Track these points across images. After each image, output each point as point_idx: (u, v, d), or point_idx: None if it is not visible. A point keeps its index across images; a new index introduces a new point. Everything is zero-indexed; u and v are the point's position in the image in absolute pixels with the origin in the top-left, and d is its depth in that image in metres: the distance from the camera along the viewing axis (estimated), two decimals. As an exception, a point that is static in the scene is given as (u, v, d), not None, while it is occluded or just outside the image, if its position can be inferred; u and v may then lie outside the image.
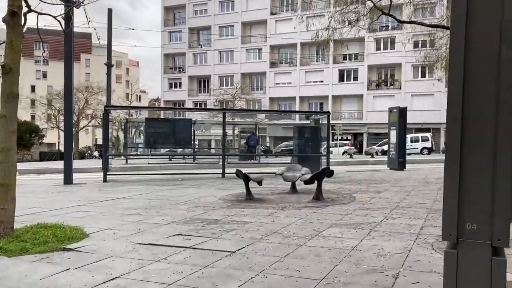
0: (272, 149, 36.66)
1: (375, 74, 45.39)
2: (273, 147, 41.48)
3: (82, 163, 26.78)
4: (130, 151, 26.24)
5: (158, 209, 7.80)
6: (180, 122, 14.62)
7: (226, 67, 51.06)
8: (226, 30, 51.85)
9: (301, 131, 15.62)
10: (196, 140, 15.22)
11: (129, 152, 26.09)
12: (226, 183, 12.61)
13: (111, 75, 23.12)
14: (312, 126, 16.16)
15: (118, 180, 13.97)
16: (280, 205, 8.03)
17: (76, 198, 9.39)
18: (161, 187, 11.66)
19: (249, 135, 25.34)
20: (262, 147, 30.36)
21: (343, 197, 9.09)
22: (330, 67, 46.10)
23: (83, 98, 48.26)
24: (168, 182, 13.26)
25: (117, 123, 53.84)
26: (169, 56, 55.81)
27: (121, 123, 32.79)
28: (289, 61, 49.03)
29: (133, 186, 12.05)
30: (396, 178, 13.80)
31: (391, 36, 43.78)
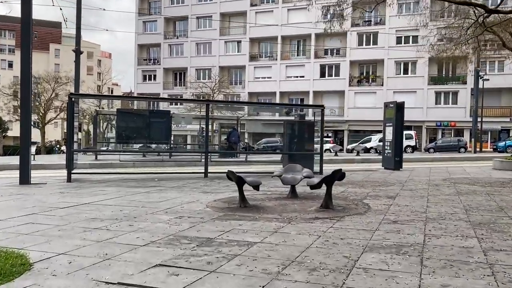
0: (252, 146, 35.13)
1: (357, 70, 44.47)
2: (252, 143, 40.01)
3: (47, 158, 24.60)
4: (101, 146, 24.26)
5: (131, 220, 6.18)
6: (156, 115, 12.91)
7: (203, 60, 49.15)
8: (203, 21, 49.91)
9: (292, 127, 14.17)
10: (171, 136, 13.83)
11: (100, 147, 24.11)
12: (211, 185, 11.02)
13: (79, 62, 21.18)
14: (305, 122, 14.71)
15: (85, 180, 12.18)
16: (284, 216, 6.53)
17: (29, 204, 7.64)
18: (135, 189, 9.98)
19: (230, 131, 23.77)
20: (241, 144, 28.81)
21: (354, 205, 7.66)
22: (311, 62, 44.90)
23: (50, 88, 45.36)
24: (143, 182, 11.57)
25: (88, 116, 51.20)
26: (143, 47, 53.45)
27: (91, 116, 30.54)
28: (269, 55, 47.58)
29: (101, 188, 10.33)
30: (398, 179, 12.51)
31: (374, 31, 42.88)
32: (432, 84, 41.27)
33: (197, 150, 22.19)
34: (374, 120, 41.77)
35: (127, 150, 16.32)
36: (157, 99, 29.99)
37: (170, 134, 12.76)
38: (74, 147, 12.78)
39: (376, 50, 42.28)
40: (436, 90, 40.97)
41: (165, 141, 12.91)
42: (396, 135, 15.48)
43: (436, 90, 40.97)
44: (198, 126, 29.47)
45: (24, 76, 11.27)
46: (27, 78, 11.35)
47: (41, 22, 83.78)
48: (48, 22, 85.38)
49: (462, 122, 40.04)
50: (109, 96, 29.25)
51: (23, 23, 11.32)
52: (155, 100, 29.98)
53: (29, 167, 11.29)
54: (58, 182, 11.77)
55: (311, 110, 15.96)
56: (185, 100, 17.42)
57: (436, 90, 40.93)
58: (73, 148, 11.97)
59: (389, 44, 41.61)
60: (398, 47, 41.31)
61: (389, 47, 41.39)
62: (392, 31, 41.40)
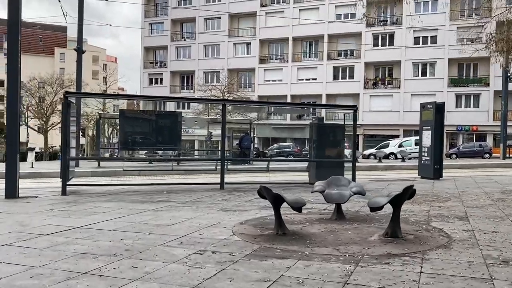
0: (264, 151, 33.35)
1: (372, 72, 42.65)
2: (261, 149, 38.28)
3: (46, 165, 22.98)
4: (105, 152, 22.67)
5: (135, 257, 4.47)
6: (165, 118, 11.21)
7: (211, 62, 47.54)
8: (212, 23, 48.40)
9: (320, 131, 12.40)
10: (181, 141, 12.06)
11: (104, 153, 22.50)
12: (230, 199, 9.29)
13: (81, 61, 19.63)
14: (334, 125, 12.93)
15: (82, 192, 10.49)
16: (343, 251, 4.77)
17: (4, 229, 5.95)
18: (140, 206, 8.26)
19: (243, 135, 22.12)
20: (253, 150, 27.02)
21: (426, 231, 5.88)
22: (324, 64, 43.17)
23: (53, 92, 43.92)
24: (150, 196, 9.86)
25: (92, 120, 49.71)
26: (149, 50, 51.99)
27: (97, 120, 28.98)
28: (280, 57, 45.89)
29: (100, 203, 8.63)
30: (448, 192, 10.70)
31: (390, 32, 41.11)
32: (452, 86, 39.38)
33: (211, 157, 20.31)
34: (391, 124, 39.99)
35: (132, 157, 14.62)
36: (166, 99, 26.88)
37: (180, 139, 11.03)
38: (71, 154, 11.09)
39: (392, 51, 40.54)
40: (457, 92, 39.05)
41: (174, 147, 11.17)
42: (436, 139, 13.69)
43: (457, 92, 39.05)
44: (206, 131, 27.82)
45: (11, 75, 9.63)
46: (14, 77, 9.71)
47: (46, 26, 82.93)
48: (53, 26, 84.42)
49: (484, 126, 38.09)
50: (110, 95, 26.75)
51: (10, 23, 9.65)
52: (164, 100, 26.90)
53: (17, 178, 9.62)
54: (51, 195, 10.11)
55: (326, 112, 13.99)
56: (198, 100, 15.53)
57: (457, 93, 39.01)
58: (69, 155, 10.27)
59: (406, 44, 39.83)
60: (415, 47, 39.56)
61: (406, 47, 39.63)
62: (409, 31, 39.60)
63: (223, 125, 11.29)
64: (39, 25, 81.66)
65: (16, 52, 9.71)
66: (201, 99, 17.03)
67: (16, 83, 9.73)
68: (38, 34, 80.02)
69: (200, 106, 37.98)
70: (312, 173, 12.29)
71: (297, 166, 16.60)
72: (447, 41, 38.38)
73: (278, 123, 42.68)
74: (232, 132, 22.92)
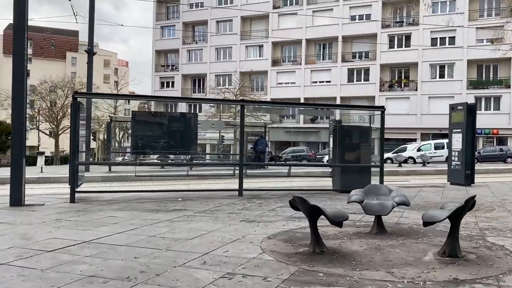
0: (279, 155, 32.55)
1: (388, 74, 41.69)
2: (274, 153, 37.49)
3: (57, 170, 22.46)
4: (116, 156, 22.10)
5: (153, 282, 3.78)
6: (180, 120, 10.52)
7: (223, 65, 46.94)
8: (224, 25, 47.85)
9: (344, 134, 11.63)
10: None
11: (116, 157, 21.91)
12: (251, 208, 8.55)
13: (92, 62, 19.08)
14: (360, 127, 12.13)
15: (92, 200, 9.83)
16: (398, 275, 4.00)
17: (4, 243, 5.27)
18: (154, 216, 7.57)
19: (257, 139, 21.42)
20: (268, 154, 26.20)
21: (486, 249, 5.08)
22: (339, 66, 42.32)
23: (64, 95, 43.66)
24: (164, 204, 9.16)
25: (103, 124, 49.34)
26: (161, 53, 51.59)
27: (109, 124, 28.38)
28: (293, 59, 45.12)
29: (111, 213, 7.96)
30: (487, 199, 9.83)
31: (406, 33, 40.15)
32: (471, 88, 38.25)
33: (229, 161, 19.45)
34: (408, 128, 38.97)
35: (144, 162, 13.96)
36: (179, 100, 24.86)
37: (195, 143, 10.33)
38: (81, 158, 10.43)
39: (409, 52, 39.57)
40: (476, 95, 37.88)
41: (190, 151, 10.45)
42: (467, 143, 12.80)
43: (476, 95, 37.88)
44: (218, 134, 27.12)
45: (17, 78, 9.04)
46: (20, 80, 9.12)
47: (58, 31, 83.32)
48: (65, 30, 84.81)
49: (505, 130, 36.88)
50: (121, 95, 25.93)
51: (16, 28, 9.05)
52: (177, 101, 25.25)
53: (22, 185, 8.99)
54: (59, 202, 9.47)
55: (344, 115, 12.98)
56: (214, 101, 14.63)
57: (476, 95, 37.84)
58: (78, 160, 9.62)
59: (423, 46, 38.82)
60: (433, 49, 38.55)
61: (423, 49, 38.62)
62: (426, 32, 38.64)
63: (242, 127, 10.57)
64: (51, 30, 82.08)
65: (22, 55, 9.15)
66: (217, 99, 16.19)
67: (22, 85, 9.15)
68: (50, 39, 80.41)
69: (213, 109, 37.31)
70: (336, 179, 11.50)
71: (314, 171, 15.81)
72: (466, 42, 37.32)
73: (291, 126, 41.87)
74: (246, 136, 22.19)
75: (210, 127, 12.14)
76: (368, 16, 41.36)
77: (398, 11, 40.55)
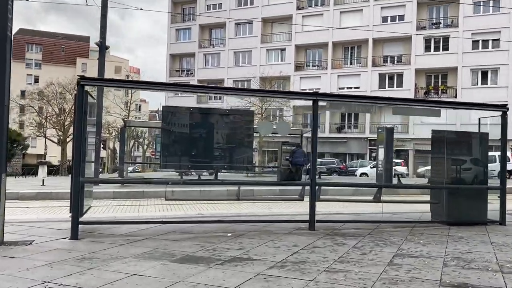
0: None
1: (424, 79, 38.41)
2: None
3: (61, 182, 19.28)
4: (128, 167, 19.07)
5: None
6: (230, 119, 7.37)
7: (242, 70, 43.90)
8: (243, 28, 44.99)
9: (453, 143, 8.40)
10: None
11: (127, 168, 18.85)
12: (350, 257, 5.40)
13: (104, 57, 16.13)
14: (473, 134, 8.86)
15: (102, 235, 6.72)
16: None
17: None
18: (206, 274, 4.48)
19: (294, 149, 18.28)
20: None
21: None
22: (369, 71, 39.14)
23: (72, 99, 40.80)
24: (211, 243, 6.08)
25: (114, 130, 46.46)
26: (175, 57, 48.81)
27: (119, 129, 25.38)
28: (318, 64, 42.05)
29: (133, 264, 4.89)
30: None
31: (444, 35, 36.95)
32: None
33: (296, 180, 15.85)
34: (446, 139, 35.56)
35: (177, 180, 10.79)
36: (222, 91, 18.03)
37: (251, 153, 7.20)
38: (88, 173, 7.28)
39: (447, 56, 36.36)
40: (523, 102, 34.49)
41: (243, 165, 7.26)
42: None
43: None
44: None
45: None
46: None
47: (69, 36, 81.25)
48: (75, 36, 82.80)
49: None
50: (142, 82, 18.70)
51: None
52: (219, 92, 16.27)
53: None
54: (55, 238, 6.37)
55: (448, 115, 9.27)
56: (279, 93, 11.03)
57: (523, 103, 34.42)
58: (84, 176, 6.50)
59: (463, 49, 35.61)
60: (474, 52, 35.29)
61: (464, 52, 35.39)
62: (466, 34, 35.41)
63: (315, 129, 7.37)
64: (61, 35, 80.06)
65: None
66: (283, 92, 12.45)
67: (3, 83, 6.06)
68: (60, 44, 78.27)
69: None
70: (441, 206, 8.22)
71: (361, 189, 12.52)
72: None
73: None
74: (281, 145, 19.04)
75: (270, 131, 9.32)
76: (402, 17, 38.27)
77: (434, 11, 37.48)
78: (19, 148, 41.46)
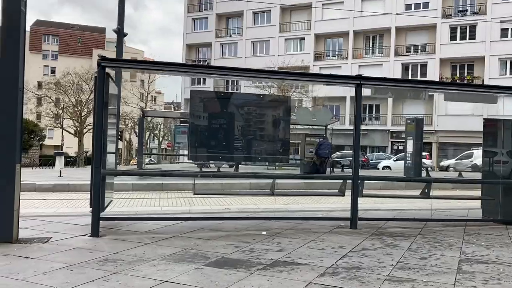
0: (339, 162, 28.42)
1: (449, 69, 37.10)
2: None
3: (78, 174, 18.84)
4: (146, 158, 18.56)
5: None
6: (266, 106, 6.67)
7: (260, 60, 42.96)
8: (261, 16, 44.04)
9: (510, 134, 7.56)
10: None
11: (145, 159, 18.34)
12: (409, 262, 4.68)
13: (122, 44, 15.53)
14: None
15: (124, 232, 6.14)
16: None
17: None
18: (249, 282, 3.75)
19: (320, 141, 17.52)
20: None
21: None
22: (391, 61, 37.96)
23: (89, 89, 40.55)
24: (246, 243, 5.47)
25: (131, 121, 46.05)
26: (192, 47, 48.16)
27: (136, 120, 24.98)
28: (338, 53, 40.96)
29: (163, 268, 4.23)
30: None
31: (471, 23, 35.53)
32: (549, 86, 33.39)
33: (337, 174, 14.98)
34: (471, 131, 34.23)
35: (207, 173, 10.16)
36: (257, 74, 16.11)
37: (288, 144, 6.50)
38: (108, 164, 6.63)
39: (473, 45, 35.00)
40: (555, 94, 32.96)
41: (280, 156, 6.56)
42: None
43: (555, 94, 32.96)
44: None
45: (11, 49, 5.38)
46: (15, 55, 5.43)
47: (85, 28, 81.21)
48: (92, 27, 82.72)
49: None
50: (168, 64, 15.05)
51: None
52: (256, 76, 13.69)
53: (13, 208, 5.30)
54: (73, 234, 5.78)
55: None
56: (320, 76, 9.98)
57: (555, 94, 32.92)
58: (105, 167, 5.87)
59: (491, 37, 34.20)
60: (503, 41, 33.86)
61: (491, 41, 33.99)
62: (495, 22, 33.95)
63: (358, 118, 6.62)
64: (77, 26, 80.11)
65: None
66: (325, 75, 11.06)
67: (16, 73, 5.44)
68: (76, 35, 78.29)
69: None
70: (495, 203, 7.42)
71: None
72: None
73: (335, 127, 37.68)
74: (304, 137, 18.29)
75: (309, 119, 8.60)
76: (426, 5, 36.90)
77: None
78: (36, 139, 41.44)
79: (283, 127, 6.47)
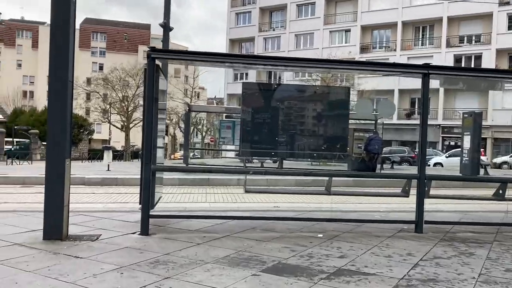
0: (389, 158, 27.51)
1: (506, 61, 34.92)
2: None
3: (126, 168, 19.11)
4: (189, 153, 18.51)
5: None
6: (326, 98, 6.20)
7: (303, 54, 42.15)
8: (305, 9, 43.23)
9: None
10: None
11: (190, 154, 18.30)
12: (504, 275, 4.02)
13: (168, 38, 15.49)
14: None
15: (174, 228, 5.94)
16: None
17: None
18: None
19: (371, 136, 16.77)
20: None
21: None
22: (443, 52, 36.16)
23: (135, 84, 41.35)
24: (303, 247, 5.10)
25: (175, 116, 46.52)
26: (235, 43, 48.05)
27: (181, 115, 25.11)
28: (385, 45, 39.54)
29: (218, 273, 3.85)
30: None
31: (532, 10, 33.27)
32: None
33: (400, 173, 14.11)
34: (531, 126, 32.21)
35: (259, 170, 9.83)
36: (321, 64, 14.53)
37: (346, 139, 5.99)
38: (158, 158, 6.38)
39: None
40: None
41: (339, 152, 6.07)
42: None
43: None
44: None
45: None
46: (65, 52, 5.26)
47: (130, 24, 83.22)
48: (137, 24, 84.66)
49: None
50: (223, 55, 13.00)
51: None
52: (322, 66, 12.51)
53: (63, 204, 5.16)
54: (123, 231, 5.60)
55: None
56: (384, 66, 9.16)
57: None
58: (154, 163, 5.62)
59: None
60: None
61: (555, 29, 31.66)
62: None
63: (425, 111, 6.04)
64: (123, 23, 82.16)
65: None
66: (384, 64, 10.31)
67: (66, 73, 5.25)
68: (123, 32, 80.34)
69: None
70: None
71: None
72: None
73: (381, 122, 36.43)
74: (353, 132, 17.58)
75: (370, 112, 8.04)
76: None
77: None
78: (85, 133, 42.83)
79: (341, 120, 5.99)
